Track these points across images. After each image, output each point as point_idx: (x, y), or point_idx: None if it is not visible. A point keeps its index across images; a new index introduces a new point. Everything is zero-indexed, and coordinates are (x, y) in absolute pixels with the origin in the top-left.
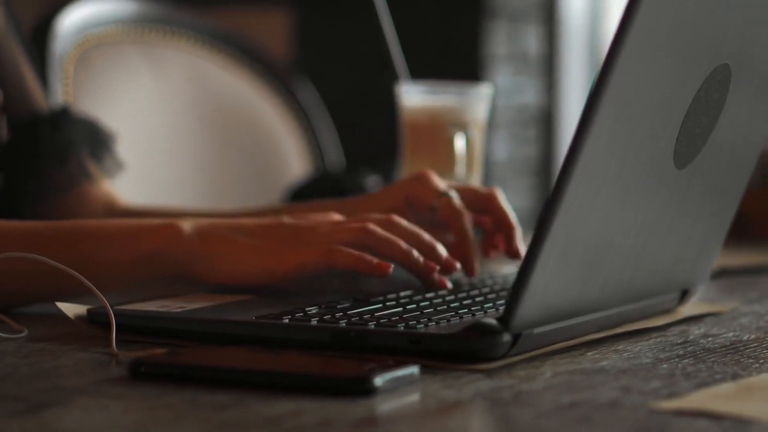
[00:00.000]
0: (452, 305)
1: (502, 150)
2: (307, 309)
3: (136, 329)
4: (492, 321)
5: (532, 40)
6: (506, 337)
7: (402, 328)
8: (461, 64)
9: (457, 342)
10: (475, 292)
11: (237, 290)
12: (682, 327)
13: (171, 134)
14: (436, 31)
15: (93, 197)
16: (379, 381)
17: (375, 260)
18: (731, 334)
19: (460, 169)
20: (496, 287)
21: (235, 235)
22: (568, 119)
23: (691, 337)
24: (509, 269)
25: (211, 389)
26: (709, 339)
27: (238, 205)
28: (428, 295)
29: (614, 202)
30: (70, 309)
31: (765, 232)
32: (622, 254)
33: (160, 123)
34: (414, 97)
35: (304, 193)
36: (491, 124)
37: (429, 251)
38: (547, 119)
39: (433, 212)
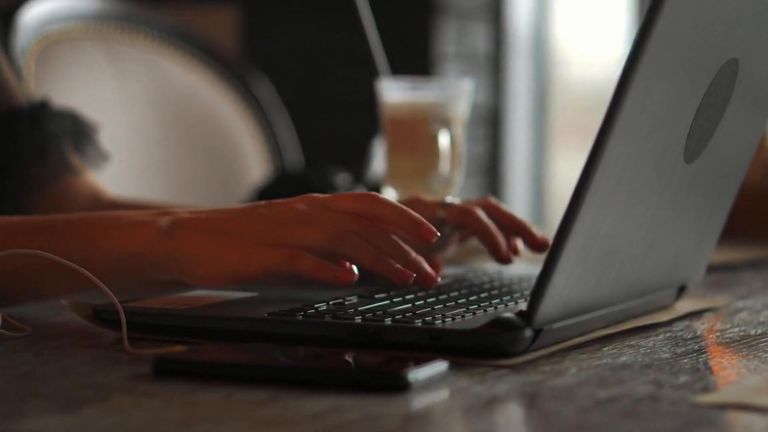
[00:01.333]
0: (460, 301)
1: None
2: (316, 305)
3: (142, 327)
4: (513, 316)
5: (480, 39)
6: (528, 333)
7: (419, 324)
8: (412, 62)
9: (479, 338)
10: (473, 288)
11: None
12: (686, 322)
13: (132, 133)
14: (386, 29)
15: (78, 190)
16: (413, 377)
17: (336, 270)
18: (737, 329)
19: (444, 166)
20: (485, 285)
21: (209, 233)
22: (515, 118)
23: (699, 333)
24: (493, 267)
25: (242, 386)
26: (717, 334)
27: (199, 204)
28: (432, 291)
29: (629, 199)
30: (76, 307)
31: (740, 228)
32: (633, 250)
33: (121, 121)
34: (395, 93)
35: (271, 191)
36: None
37: (403, 257)
38: (494, 118)
39: (443, 223)
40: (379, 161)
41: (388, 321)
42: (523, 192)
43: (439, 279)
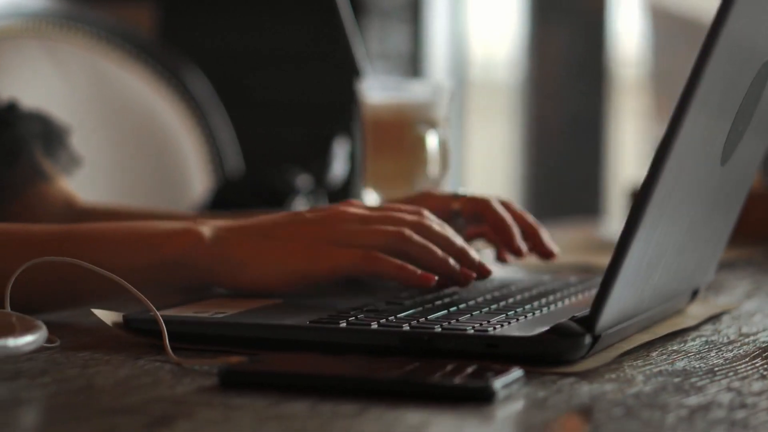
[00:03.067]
0: (493, 307)
1: None
2: (353, 312)
3: (177, 335)
4: (573, 323)
5: (400, 39)
6: (588, 340)
7: (472, 331)
8: (335, 62)
9: (540, 344)
10: (492, 293)
11: (255, 295)
12: (711, 326)
13: (75, 134)
14: (309, 30)
15: (51, 197)
16: (498, 386)
17: (418, 271)
18: (764, 332)
19: (433, 168)
20: (503, 289)
21: (258, 238)
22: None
23: (733, 336)
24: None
25: (324, 397)
26: (751, 337)
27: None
28: (459, 296)
29: (679, 205)
30: (106, 315)
31: None
32: (673, 254)
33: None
34: (378, 93)
35: (230, 194)
36: None
37: (462, 256)
38: None
39: (457, 216)
40: (340, 163)
41: (438, 329)
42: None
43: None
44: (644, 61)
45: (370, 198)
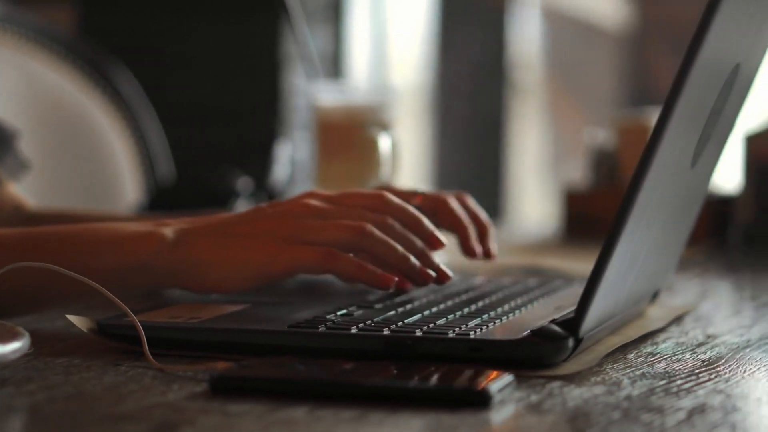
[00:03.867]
0: (466, 310)
1: (303, 151)
2: (328, 316)
3: (155, 341)
4: (556, 327)
5: (322, 39)
6: (571, 343)
7: (453, 335)
8: (258, 63)
9: (523, 348)
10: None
11: (216, 297)
12: (677, 328)
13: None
14: (232, 29)
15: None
16: (494, 391)
17: (379, 271)
18: (730, 333)
19: (386, 171)
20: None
21: (220, 238)
22: None
23: (701, 338)
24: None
25: (320, 403)
26: (718, 339)
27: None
28: (424, 300)
29: (654, 210)
30: (80, 321)
31: None
32: (645, 257)
33: None
34: (329, 96)
35: (169, 197)
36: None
37: (422, 257)
38: None
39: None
40: (281, 166)
41: (419, 333)
42: None
43: (452, 276)
44: (542, 62)
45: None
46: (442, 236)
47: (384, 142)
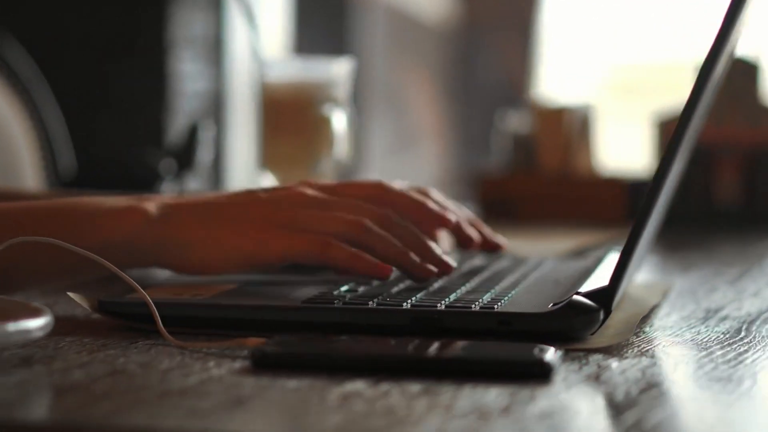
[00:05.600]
0: (471, 285)
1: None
2: (334, 292)
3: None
4: (586, 299)
5: (203, 24)
6: (602, 316)
7: (477, 308)
8: (144, 49)
9: (555, 321)
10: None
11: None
12: (667, 303)
13: None
14: (118, 15)
15: None
16: (555, 363)
17: (375, 261)
18: (727, 308)
19: (339, 149)
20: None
21: (208, 218)
22: (234, 104)
23: (701, 313)
24: None
25: (378, 377)
26: (719, 313)
27: None
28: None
29: (664, 202)
30: (81, 299)
31: (528, 215)
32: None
33: None
34: (277, 71)
35: (87, 177)
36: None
37: (424, 250)
38: (216, 105)
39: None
40: (207, 147)
41: (440, 306)
42: (242, 178)
43: (454, 266)
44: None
45: (268, 181)
46: (452, 216)
47: (337, 120)
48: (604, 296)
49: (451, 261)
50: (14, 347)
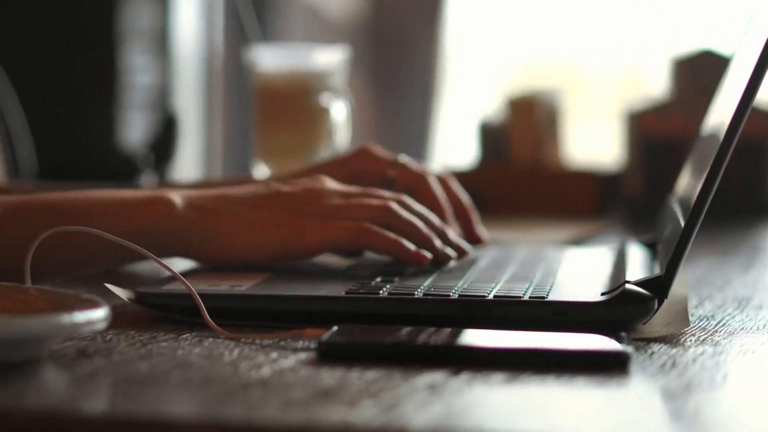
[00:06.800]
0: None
1: (136, 132)
2: (372, 283)
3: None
4: (639, 288)
5: (150, 16)
6: (655, 305)
7: (527, 297)
8: (93, 41)
9: (611, 310)
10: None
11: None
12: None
13: None
14: (68, 9)
15: None
16: (631, 352)
17: (413, 248)
18: (735, 304)
19: (340, 140)
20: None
21: (237, 208)
22: (183, 96)
23: (710, 306)
24: None
25: (454, 368)
26: (731, 306)
27: None
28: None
29: None
30: (119, 291)
31: (499, 208)
32: None
33: None
34: (272, 60)
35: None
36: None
37: (442, 235)
38: (162, 98)
39: (391, 184)
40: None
41: (489, 296)
42: (191, 170)
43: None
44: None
45: (261, 172)
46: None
47: (338, 110)
48: (658, 285)
49: (466, 245)
50: (78, 338)
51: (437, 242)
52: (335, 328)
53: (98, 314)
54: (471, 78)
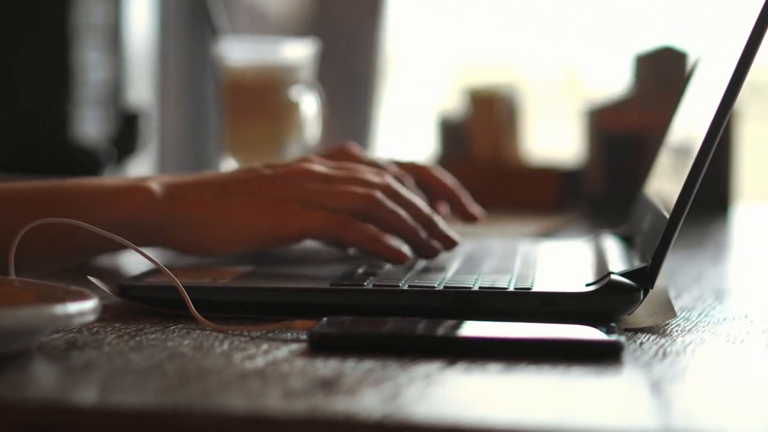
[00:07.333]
0: (481, 269)
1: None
2: (357, 275)
3: (177, 303)
4: (625, 279)
5: (103, 12)
6: (641, 295)
7: (512, 289)
8: (47, 35)
9: (597, 300)
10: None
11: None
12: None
13: None
14: (20, 3)
15: None
16: (624, 341)
17: (393, 246)
18: (722, 295)
19: (310, 134)
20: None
21: (216, 194)
22: (136, 92)
23: (691, 298)
24: None
25: (447, 359)
26: (720, 298)
27: None
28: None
29: None
30: (101, 283)
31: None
32: None
33: None
34: (240, 54)
35: (33, 161)
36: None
37: (429, 225)
38: (116, 94)
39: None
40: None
41: (475, 287)
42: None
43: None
44: None
45: (230, 166)
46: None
47: (307, 104)
48: (643, 276)
49: (455, 236)
50: (65, 330)
51: (422, 234)
52: (325, 319)
53: (89, 305)
54: (415, 75)
